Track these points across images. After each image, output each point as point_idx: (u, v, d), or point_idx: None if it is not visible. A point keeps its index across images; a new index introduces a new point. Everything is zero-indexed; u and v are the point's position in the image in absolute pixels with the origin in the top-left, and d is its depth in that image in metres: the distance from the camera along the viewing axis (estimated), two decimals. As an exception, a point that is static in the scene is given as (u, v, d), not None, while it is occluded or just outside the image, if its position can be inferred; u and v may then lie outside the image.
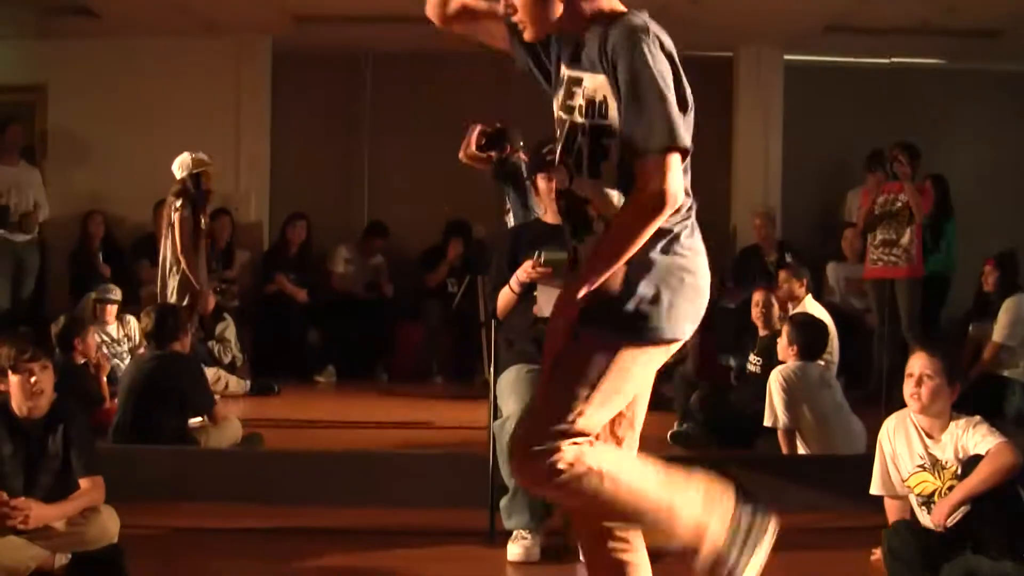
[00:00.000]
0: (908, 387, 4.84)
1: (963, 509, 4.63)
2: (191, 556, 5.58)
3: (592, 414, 3.06)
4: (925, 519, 4.80)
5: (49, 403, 4.99)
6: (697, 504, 3.22)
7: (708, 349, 9.25)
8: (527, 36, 3.25)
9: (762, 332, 7.75)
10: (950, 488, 4.69)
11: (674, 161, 2.98)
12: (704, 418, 7.41)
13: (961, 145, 11.39)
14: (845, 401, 6.92)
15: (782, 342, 6.89)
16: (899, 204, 8.93)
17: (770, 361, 7.23)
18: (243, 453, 6.97)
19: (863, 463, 5.31)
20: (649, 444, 5.83)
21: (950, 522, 4.66)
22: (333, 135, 11.85)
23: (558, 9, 3.17)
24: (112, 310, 9.02)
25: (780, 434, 6.66)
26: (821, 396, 6.72)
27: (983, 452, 4.61)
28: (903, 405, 4.96)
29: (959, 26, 10.46)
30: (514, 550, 5.22)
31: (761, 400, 6.85)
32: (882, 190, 9.05)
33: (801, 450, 6.69)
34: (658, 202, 2.95)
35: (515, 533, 5.26)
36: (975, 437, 4.69)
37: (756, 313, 7.82)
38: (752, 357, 7.66)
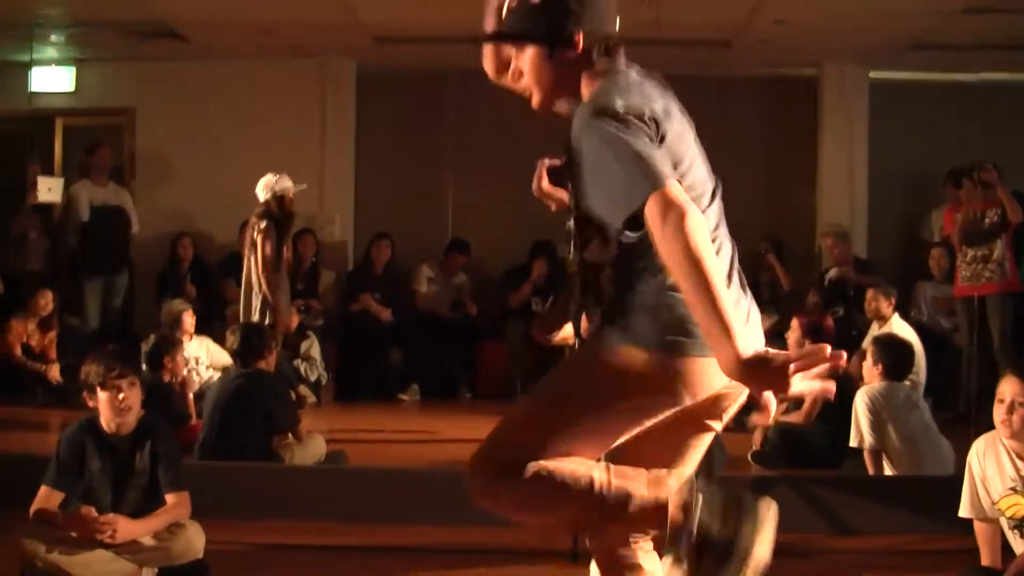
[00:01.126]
0: (999, 413, 4.73)
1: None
2: (275, 572, 5.63)
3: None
4: (1017, 543, 4.70)
5: (137, 420, 5.04)
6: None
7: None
8: (534, 103, 3.15)
9: None
10: (1045, 511, 4.60)
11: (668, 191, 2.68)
12: (780, 441, 7.32)
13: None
14: (933, 422, 6.82)
15: (867, 362, 6.81)
16: (987, 220, 8.84)
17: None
18: (327, 470, 7.01)
19: (952, 485, 5.23)
20: (730, 463, 5.84)
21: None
22: (417, 155, 11.91)
23: (559, 76, 3.06)
24: (191, 321, 9.05)
25: (867, 455, 6.57)
26: (908, 417, 6.63)
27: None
28: (993, 426, 4.87)
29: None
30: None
31: (829, 423, 6.82)
32: (971, 206, 8.94)
33: (888, 471, 6.60)
34: (678, 219, 2.63)
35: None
36: None
37: (792, 342, 7.64)
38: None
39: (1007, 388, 4.70)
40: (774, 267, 10.84)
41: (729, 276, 3.07)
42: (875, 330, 8.62)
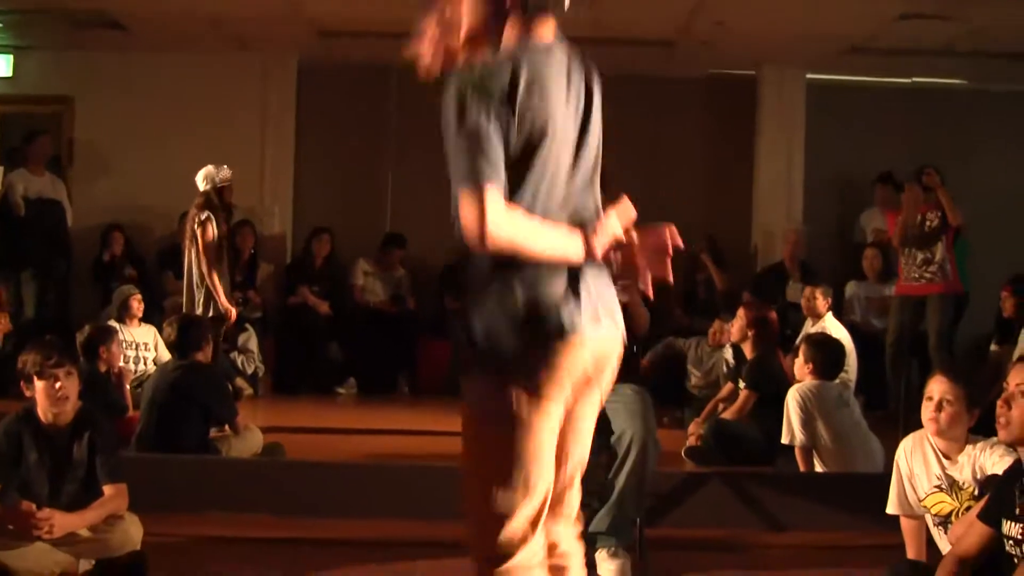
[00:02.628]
0: (927, 410, 4.82)
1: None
2: (213, 564, 5.64)
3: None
4: (941, 540, 4.80)
5: (74, 410, 5.04)
6: None
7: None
8: (453, 42, 3.15)
9: (748, 355, 7.75)
10: (967, 508, 4.68)
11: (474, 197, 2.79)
12: (715, 438, 7.40)
13: (979, 166, 11.41)
14: (863, 420, 6.91)
15: (798, 361, 6.90)
16: (928, 223, 8.99)
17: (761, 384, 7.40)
18: (264, 463, 7.02)
19: (881, 482, 5.32)
20: (665, 459, 5.91)
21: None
22: (357, 149, 11.91)
23: (489, 16, 3.10)
24: (139, 306, 9.09)
25: (798, 452, 6.66)
26: (839, 414, 6.72)
27: (1000, 472, 4.61)
28: (921, 425, 4.97)
29: (984, 48, 10.48)
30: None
31: (763, 420, 6.95)
32: (920, 209, 9.06)
33: (819, 468, 6.70)
34: (481, 233, 2.78)
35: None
36: (992, 457, 4.68)
37: (737, 329, 7.81)
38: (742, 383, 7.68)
39: (935, 387, 4.79)
40: (708, 267, 10.94)
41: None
42: (808, 327, 8.74)
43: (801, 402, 6.60)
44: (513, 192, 2.88)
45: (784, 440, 6.68)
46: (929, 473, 4.84)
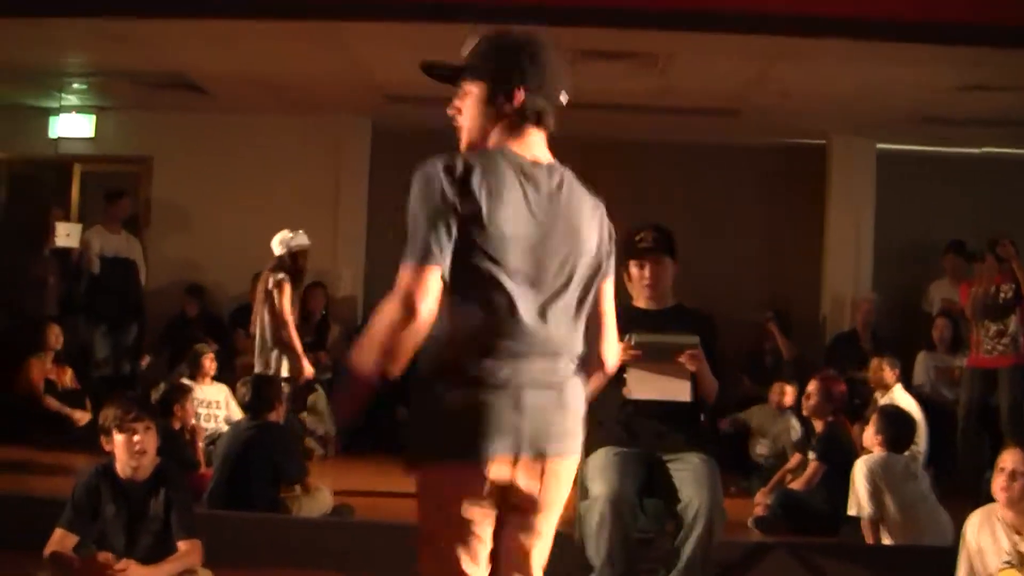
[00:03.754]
0: (999, 481, 4.81)
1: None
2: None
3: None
4: (1009, 614, 4.78)
5: (152, 465, 5.15)
6: None
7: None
8: (462, 144, 3.36)
9: (819, 426, 7.73)
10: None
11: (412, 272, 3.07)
12: (782, 508, 7.39)
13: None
14: (931, 492, 6.87)
15: (869, 431, 6.87)
16: (1002, 295, 8.94)
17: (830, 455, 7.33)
18: (334, 522, 7.10)
19: (947, 555, 5.30)
20: (731, 528, 5.91)
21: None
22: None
23: (487, 122, 3.29)
24: (211, 365, 9.24)
25: (864, 524, 6.62)
26: (906, 487, 6.67)
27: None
28: (992, 499, 4.94)
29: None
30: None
31: (830, 490, 6.93)
32: (994, 280, 9.02)
33: (885, 540, 6.66)
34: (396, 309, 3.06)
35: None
36: None
37: (810, 405, 7.80)
38: (811, 454, 7.66)
39: (1009, 458, 4.78)
40: (775, 335, 10.91)
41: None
42: (878, 398, 8.70)
43: (869, 474, 6.56)
44: (463, 295, 3.06)
45: (851, 512, 6.64)
46: (998, 548, 4.82)
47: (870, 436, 6.82)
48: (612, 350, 3.38)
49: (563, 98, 3.26)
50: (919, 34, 7.76)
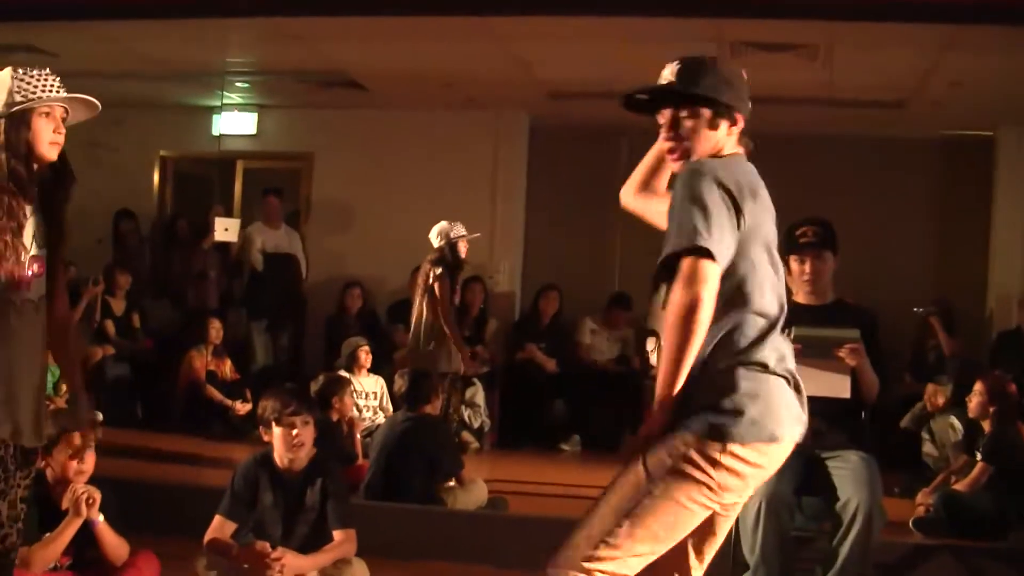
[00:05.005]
0: None
1: None
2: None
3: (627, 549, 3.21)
4: None
5: (309, 457, 5.21)
6: None
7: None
8: (675, 159, 3.44)
9: (987, 426, 7.50)
10: None
11: (699, 264, 3.09)
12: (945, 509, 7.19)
13: None
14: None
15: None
16: None
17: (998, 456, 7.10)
18: (489, 516, 7.12)
19: None
20: (891, 530, 5.79)
21: None
22: (586, 209, 11.99)
23: (711, 143, 3.39)
24: (367, 358, 9.37)
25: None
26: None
27: None
28: None
29: None
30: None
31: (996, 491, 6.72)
32: None
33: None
34: (684, 303, 3.07)
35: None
36: None
37: (976, 405, 7.55)
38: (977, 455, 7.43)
39: None
40: (937, 332, 10.62)
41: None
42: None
43: None
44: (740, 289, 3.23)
45: None
46: None
47: None
48: None
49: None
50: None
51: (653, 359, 7.24)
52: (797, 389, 3.33)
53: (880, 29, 8.06)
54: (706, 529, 3.33)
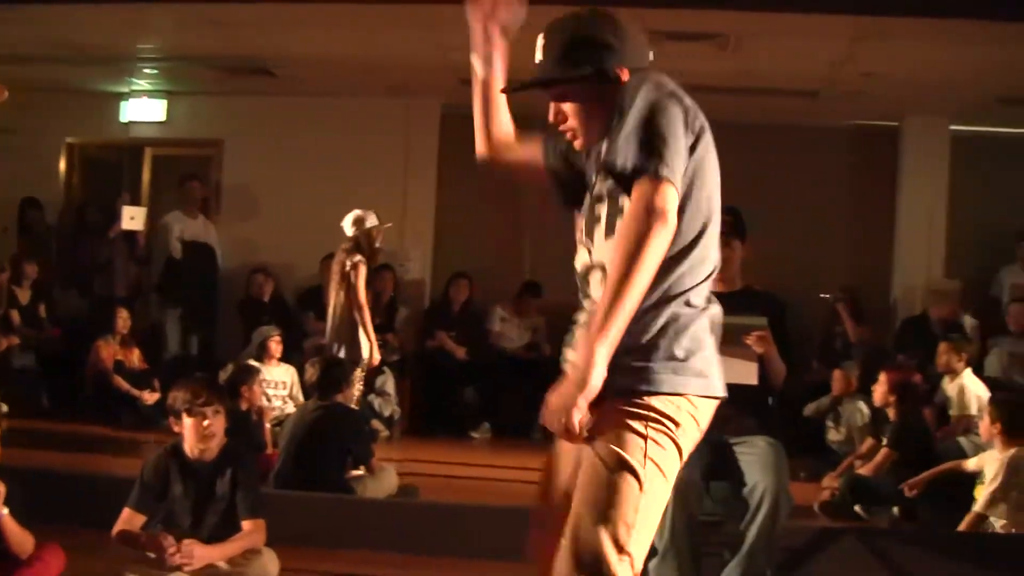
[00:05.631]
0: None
1: None
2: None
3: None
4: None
5: (220, 446, 5.18)
6: None
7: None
8: (578, 145, 3.19)
9: (892, 413, 7.63)
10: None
11: (663, 188, 2.77)
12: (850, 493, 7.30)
13: None
14: None
15: (984, 423, 6.70)
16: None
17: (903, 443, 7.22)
18: (399, 504, 7.11)
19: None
20: (797, 514, 5.87)
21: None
22: (497, 197, 11.97)
23: (605, 114, 3.00)
24: (278, 347, 9.33)
25: (973, 517, 6.41)
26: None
27: None
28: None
29: None
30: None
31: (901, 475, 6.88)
32: None
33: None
34: (652, 222, 2.74)
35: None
36: None
37: (880, 395, 7.71)
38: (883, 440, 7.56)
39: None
40: (844, 318, 10.77)
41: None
42: (946, 384, 8.61)
43: (1014, 470, 6.34)
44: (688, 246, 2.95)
45: (988, 510, 6.34)
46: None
47: (986, 426, 6.63)
48: None
49: (651, 56, 3.15)
50: (1006, 12, 7.65)
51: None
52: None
53: (792, 19, 8.15)
54: None
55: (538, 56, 3.14)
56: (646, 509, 2.91)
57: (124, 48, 10.50)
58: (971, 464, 6.68)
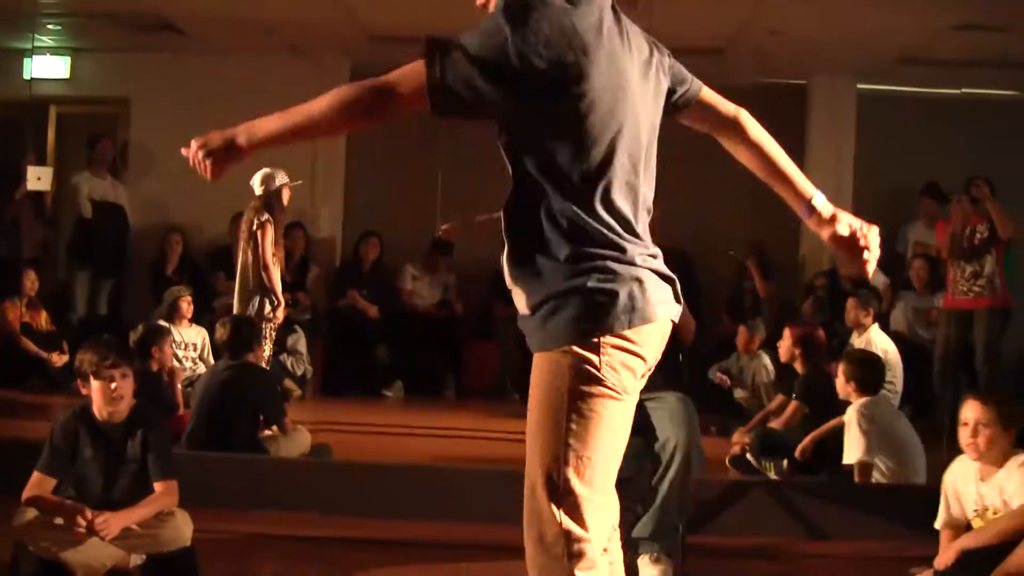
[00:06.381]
0: (963, 436, 4.86)
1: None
2: (260, 560, 5.75)
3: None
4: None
5: (129, 408, 5.13)
6: None
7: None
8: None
9: (799, 367, 7.76)
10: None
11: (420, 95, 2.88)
12: (760, 447, 7.41)
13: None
14: (914, 432, 6.89)
15: (839, 380, 6.85)
16: (978, 235, 8.95)
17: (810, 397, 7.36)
18: (312, 463, 7.11)
19: (924, 494, 5.36)
20: (709, 467, 5.95)
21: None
22: (407, 155, 11.97)
23: None
24: (188, 307, 9.28)
25: (859, 467, 6.59)
26: (897, 426, 6.72)
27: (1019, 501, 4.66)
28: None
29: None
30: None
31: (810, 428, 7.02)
32: (969, 221, 9.02)
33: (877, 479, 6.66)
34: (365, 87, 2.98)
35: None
36: (1014, 481, 4.72)
37: (784, 350, 7.84)
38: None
39: (968, 412, 4.84)
40: (753, 275, 10.88)
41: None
42: (855, 339, 8.74)
43: (861, 418, 6.51)
44: (579, 155, 2.83)
45: (850, 459, 6.57)
46: (969, 497, 4.90)
47: (841, 384, 6.79)
48: None
49: None
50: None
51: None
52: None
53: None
54: None
55: None
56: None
57: (24, 3, 10.33)
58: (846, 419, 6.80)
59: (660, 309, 3.00)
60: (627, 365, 2.90)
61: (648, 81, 3.15)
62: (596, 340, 2.83)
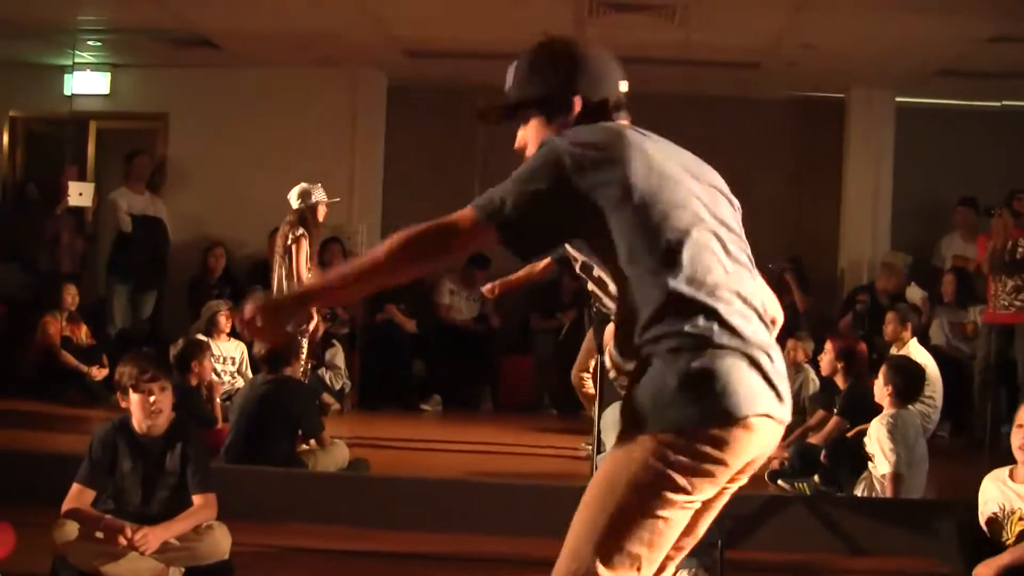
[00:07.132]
0: (1016, 439, 4.81)
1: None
2: (297, 573, 5.76)
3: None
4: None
5: (168, 422, 5.16)
6: None
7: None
8: None
9: (841, 382, 7.73)
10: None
11: (480, 226, 2.88)
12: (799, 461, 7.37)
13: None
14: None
15: (878, 383, 6.81)
16: (1020, 250, 8.87)
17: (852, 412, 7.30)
18: (349, 477, 7.12)
19: (964, 509, 5.32)
20: (749, 481, 5.93)
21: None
22: (445, 167, 11.98)
23: None
24: (227, 321, 9.31)
25: (889, 479, 6.54)
26: (917, 444, 6.68)
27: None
28: (1009, 453, 4.95)
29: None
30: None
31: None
32: (1011, 235, 8.94)
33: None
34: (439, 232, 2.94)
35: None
36: None
37: (827, 363, 7.81)
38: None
39: (1025, 414, 4.79)
40: (792, 288, 10.83)
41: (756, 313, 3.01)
42: (894, 354, 8.69)
43: (891, 430, 6.49)
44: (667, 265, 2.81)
45: (884, 470, 6.53)
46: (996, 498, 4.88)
47: (880, 387, 6.74)
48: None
49: (623, 86, 3.10)
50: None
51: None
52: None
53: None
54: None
55: (507, 84, 3.10)
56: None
57: (65, 20, 10.41)
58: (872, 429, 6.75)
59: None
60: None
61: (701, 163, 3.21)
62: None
